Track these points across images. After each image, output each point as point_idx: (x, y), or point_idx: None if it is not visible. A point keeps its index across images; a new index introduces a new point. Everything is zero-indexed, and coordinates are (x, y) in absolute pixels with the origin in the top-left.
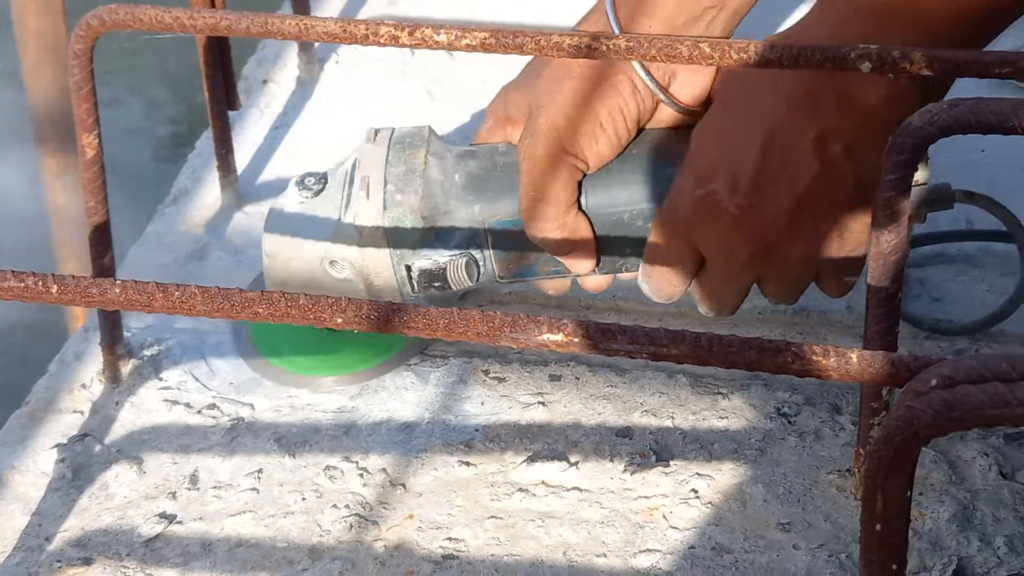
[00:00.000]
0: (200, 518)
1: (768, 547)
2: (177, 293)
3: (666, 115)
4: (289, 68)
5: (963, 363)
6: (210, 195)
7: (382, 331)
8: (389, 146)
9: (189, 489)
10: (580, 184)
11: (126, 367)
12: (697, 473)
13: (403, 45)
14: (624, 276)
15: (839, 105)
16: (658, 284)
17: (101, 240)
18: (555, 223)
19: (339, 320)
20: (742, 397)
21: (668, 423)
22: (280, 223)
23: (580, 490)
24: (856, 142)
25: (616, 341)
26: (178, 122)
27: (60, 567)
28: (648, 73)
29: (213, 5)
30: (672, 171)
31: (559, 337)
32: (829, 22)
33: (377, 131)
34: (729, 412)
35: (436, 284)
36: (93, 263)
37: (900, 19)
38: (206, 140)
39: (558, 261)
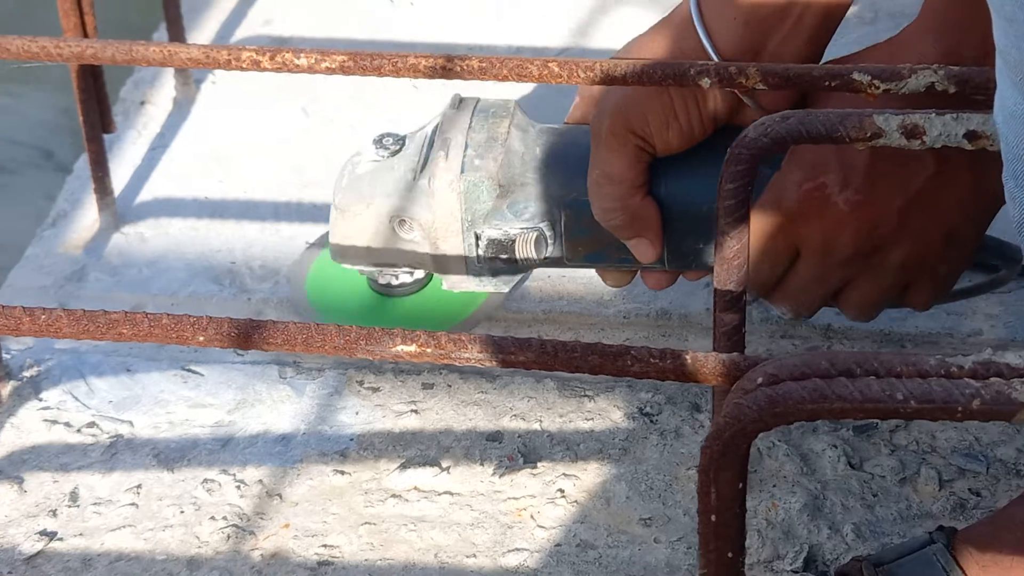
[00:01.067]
0: (80, 534)
1: (630, 542)
2: (43, 316)
3: (750, 117)
4: (166, 89)
5: (786, 362)
6: (88, 217)
7: (242, 347)
8: (473, 113)
9: (69, 506)
10: (653, 169)
11: (6, 388)
12: (563, 474)
13: (265, 69)
14: (691, 276)
15: None
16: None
17: None
18: (618, 203)
19: (201, 338)
20: (607, 399)
21: (536, 426)
22: (353, 179)
23: (451, 494)
24: (980, 152)
25: (467, 350)
26: (59, 144)
27: None
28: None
29: (85, 32)
30: (764, 170)
31: (412, 348)
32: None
33: (462, 99)
34: (594, 414)
35: (503, 256)
36: None
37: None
38: (83, 163)
39: (627, 251)
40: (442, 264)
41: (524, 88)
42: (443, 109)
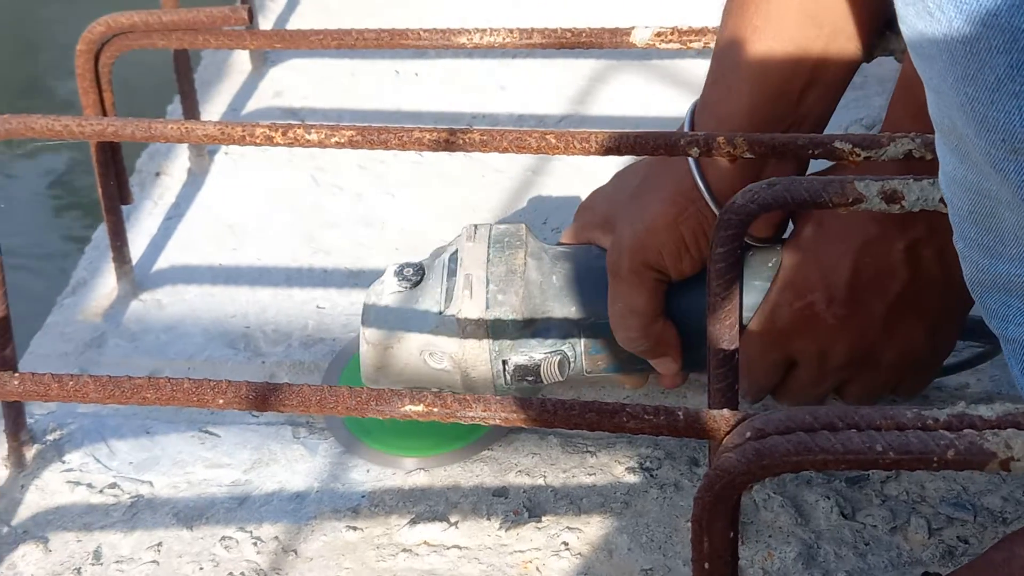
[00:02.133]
0: None
1: None
2: (71, 382)
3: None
4: (180, 160)
5: (772, 417)
6: (107, 285)
7: (260, 409)
8: (489, 244)
9: (93, 564)
10: (666, 292)
11: (30, 452)
12: (567, 527)
13: (277, 144)
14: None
15: (927, 216)
16: (747, 387)
17: (2, 333)
18: (642, 332)
19: (220, 401)
20: (608, 454)
21: (541, 481)
22: (378, 312)
23: (460, 548)
24: (946, 246)
25: (471, 409)
26: (76, 216)
27: None
28: (717, 204)
29: (104, 109)
30: (757, 283)
31: (420, 408)
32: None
33: (476, 227)
34: (596, 469)
35: (529, 379)
36: None
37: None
38: (102, 233)
39: (642, 361)
40: (471, 387)
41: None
42: (457, 238)
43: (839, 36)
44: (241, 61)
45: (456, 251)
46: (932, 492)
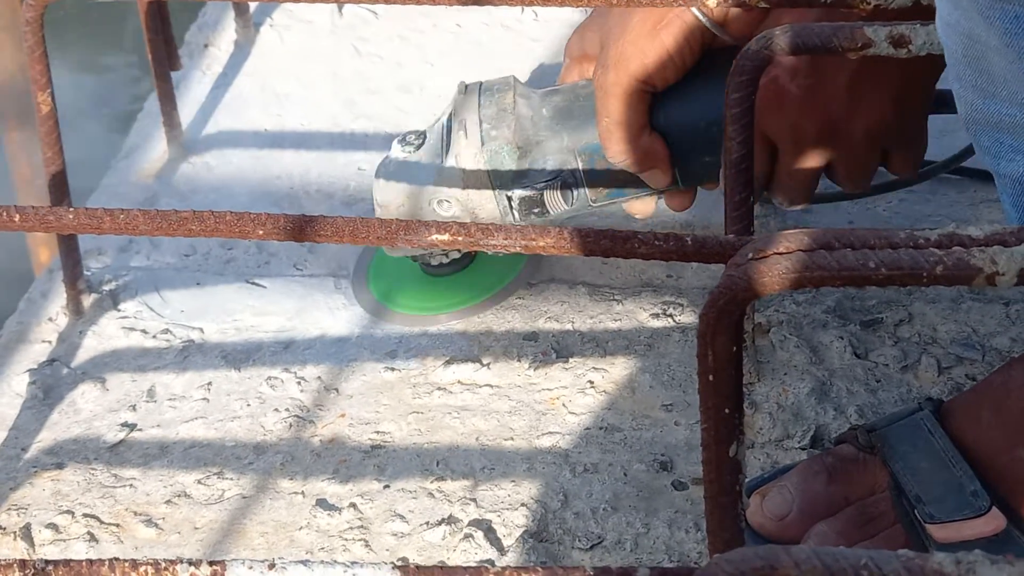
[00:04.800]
0: (158, 425)
1: (653, 425)
2: (122, 216)
3: (724, 44)
4: (227, 32)
5: (772, 238)
6: (158, 149)
7: (297, 240)
8: (480, 93)
9: (147, 402)
10: (652, 106)
11: (87, 301)
12: (593, 367)
13: (315, 0)
14: (708, 187)
15: None
16: None
17: (59, 188)
18: (629, 144)
19: (260, 232)
20: (634, 302)
21: (569, 327)
22: (388, 177)
23: (491, 386)
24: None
25: (493, 237)
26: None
27: (36, 471)
28: (705, 15)
29: None
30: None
31: (445, 236)
32: None
33: (467, 85)
34: (622, 315)
35: (536, 210)
36: None
37: None
38: (153, 100)
39: (643, 181)
40: None
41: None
42: (453, 96)
43: None
44: None
45: (452, 108)
46: (943, 334)
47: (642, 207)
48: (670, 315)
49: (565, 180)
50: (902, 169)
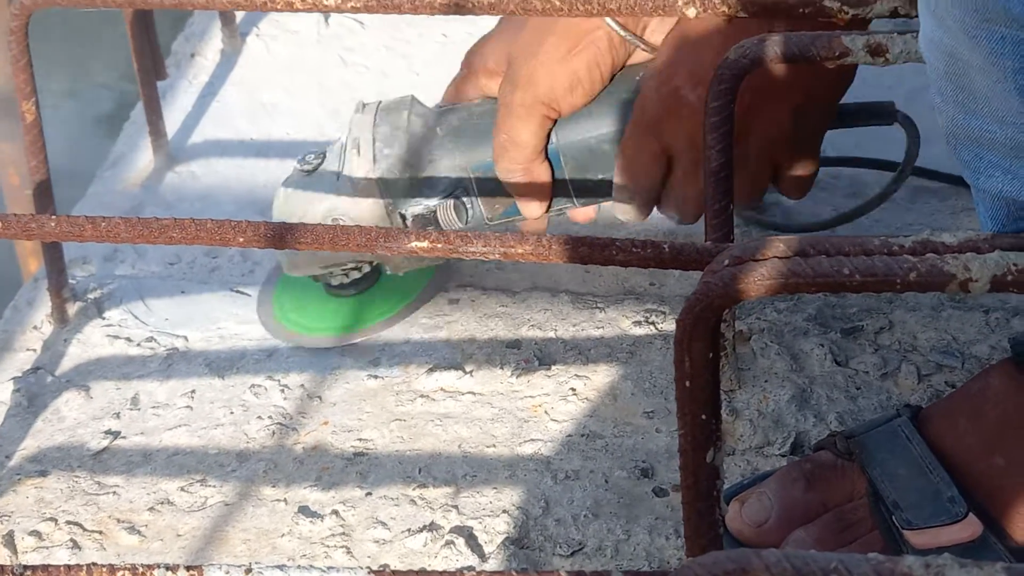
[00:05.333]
0: (141, 433)
1: (634, 432)
2: (104, 224)
3: (641, 58)
4: (214, 43)
5: (749, 245)
6: (144, 158)
7: (278, 247)
8: (376, 112)
9: (131, 409)
10: (550, 133)
11: (72, 309)
12: (576, 375)
13: (298, 10)
14: (580, 216)
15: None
16: (630, 195)
17: (44, 196)
18: (521, 166)
19: (241, 239)
20: (616, 310)
21: (551, 334)
22: (287, 197)
23: (474, 393)
24: None
25: (473, 244)
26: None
27: (19, 479)
28: (624, 28)
29: None
30: (626, 96)
31: (425, 244)
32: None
33: (364, 104)
34: (604, 323)
35: (429, 228)
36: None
37: None
38: (139, 110)
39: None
40: None
41: None
42: (351, 116)
43: None
44: None
45: (349, 127)
46: (923, 342)
47: (537, 225)
48: (652, 323)
49: (458, 198)
50: (791, 189)
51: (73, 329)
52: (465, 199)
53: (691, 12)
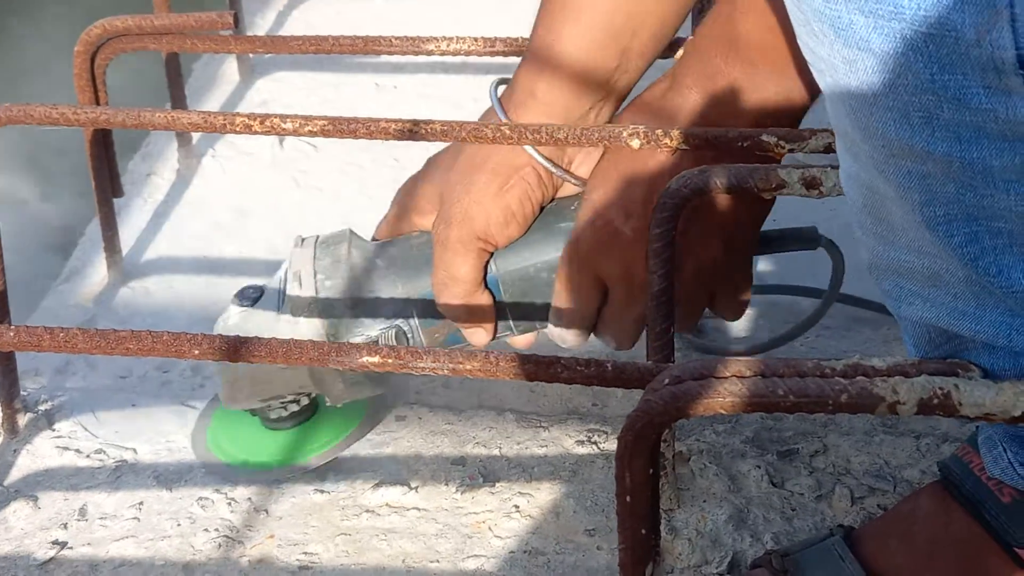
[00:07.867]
0: (88, 544)
1: (576, 549)
2: (61, 334)
3: (569, 189)
4: (170, 162)
5: (688, 365)
6: (98, 273)
7: (232, 360)
8: (315, 245)
9: (79, 520)
10: (487, 263)
11: (23, 420)
12: (519, 492)
13: (256, 132)
14: (517, 342)
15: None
16: (568, 321)
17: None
18: (462, 300)
19: (196, 352)
20: (560, 429)
21: (496, 452)
22: (227, 331)
23: (419, 509)
24: None
25: (423, 360)
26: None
27: None
28: (551, 162)
29: (97, 102)
30: (563, 225)
31: (376, 359)
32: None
33: (303, 238)
34: (548, 441)
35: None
36: None
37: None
38: (95, 226)
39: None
40: (319, 380)
41: None
42: (290, 250)
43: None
44: (230, 72)
45: (288, 261)
46: (857, 465)
47: (524, 341)
48: (594, 442)
49: (400, 328)
50: (727, 311)
51: (23, 440)
52: (406, 328)
53: (635, 143)
